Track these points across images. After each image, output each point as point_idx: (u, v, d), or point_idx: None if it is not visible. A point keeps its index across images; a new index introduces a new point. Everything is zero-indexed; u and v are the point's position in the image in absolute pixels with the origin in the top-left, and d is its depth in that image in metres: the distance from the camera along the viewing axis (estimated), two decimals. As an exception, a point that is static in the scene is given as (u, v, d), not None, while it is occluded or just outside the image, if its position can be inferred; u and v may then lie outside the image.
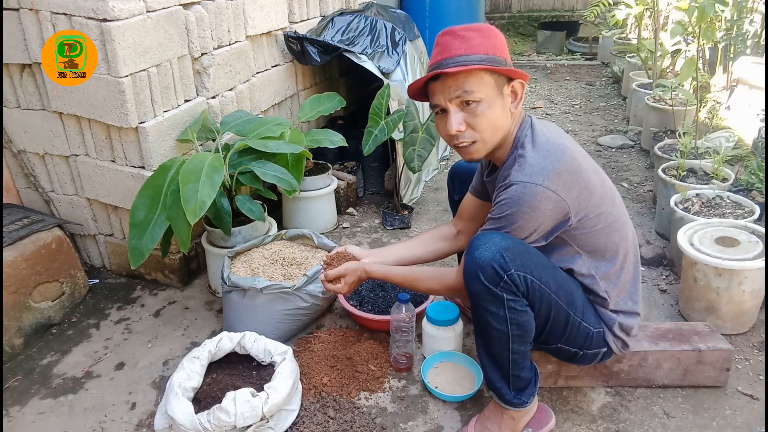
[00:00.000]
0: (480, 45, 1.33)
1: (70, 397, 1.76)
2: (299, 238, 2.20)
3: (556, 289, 1.38)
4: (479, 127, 1.36)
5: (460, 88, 1.33)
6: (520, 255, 1.32)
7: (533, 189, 1.30)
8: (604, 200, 1.41)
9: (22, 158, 2.27)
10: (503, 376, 1.42)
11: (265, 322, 1.87)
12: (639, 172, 3.24)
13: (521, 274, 1.30)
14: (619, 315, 1.49)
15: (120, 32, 1.84)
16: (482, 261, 1.30)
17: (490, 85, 1.34)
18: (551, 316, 1.39)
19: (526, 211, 1.32)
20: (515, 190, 1.32)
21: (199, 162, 1.82)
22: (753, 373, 1.75)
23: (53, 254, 2.07)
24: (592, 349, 1.49)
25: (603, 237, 1.42)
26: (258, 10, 2.53)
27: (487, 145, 1.40)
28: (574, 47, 6.57)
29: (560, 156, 1.34)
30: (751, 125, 2.86)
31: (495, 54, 1.33)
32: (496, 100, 1.36)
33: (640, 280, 1.54)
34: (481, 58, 1.32)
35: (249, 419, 1.44)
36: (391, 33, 2.94)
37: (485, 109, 1.35)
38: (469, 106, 1.35)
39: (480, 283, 1.31)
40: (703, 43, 3.09)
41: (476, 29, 1.35)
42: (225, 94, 2.40)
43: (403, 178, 2.73)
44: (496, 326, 1.35)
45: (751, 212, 2.09)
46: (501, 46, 1.36)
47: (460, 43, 1.33)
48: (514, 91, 1.39)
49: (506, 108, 1.38)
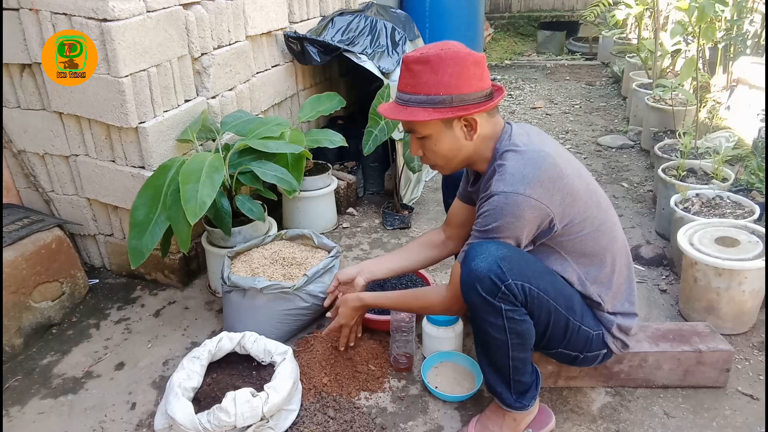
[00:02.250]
0: (425, 83, 1.33)
1: (70, 397, 1.76)
2: (299, 238, 2.20)
3: (555, 295, 1.37)
4: (432, 157, 1.45)
5: (408, 125, 1.41)
6: (517, 263, 1.31)
7: (515, 198, 1.30)
8: (589, 205, 1.40)
9: (22, 158, 2.27)
10: (504, 382, 1.42)
11: (265, 322, 1.87)
12: (639, 172, 3.24)
13: (519, 284, 1.30)
14: (617, 317, 1.49)
15: (120, 32, 1.84)
16: (479, 272, 1.29)
17: (434, 125, 1.37)
18: (551, 323, 1.38)
19: (510, 221, 1.31)
20: (497, 200, 1.31)
21: (199, 162, 1.82)
22: (753, 373, 1.75)
23: (53, 254, 2.07)
24: (592, 352, 1.49)
25: (590, 241, 1.41)
26: (258, 10, 2.53)
27: (450, 166, 1.47)
28: (574, 47, 6.57)
29: (541, 164, 1.33)
30: (751, 125, 2.86)
31: (438, 93, 1.32)
32: (443, 135, 1.39)
33: (634, 281, 1.54)
34: (420, 100, 1.34)
35: (249, 419, 1.44)
36: (391, 33, 2.94)
37: (432, 145, 1.41)
38: (421, 139, 1.42)
39: (478, 295, 1.31)
40: (703, 43, 3.09)
41: (425, 62, 1.32)
42: (225, 94, 2.40)
43: (403, 178, 2.73)
44: (495, 336, 1.35)
45: (751, 212, 2.09)
46: (450, 81, 1.31)
47: (409, 77, 1.36)
48: (467, 124, 1.38)
49: (458, 140, 1.40)
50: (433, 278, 2.10)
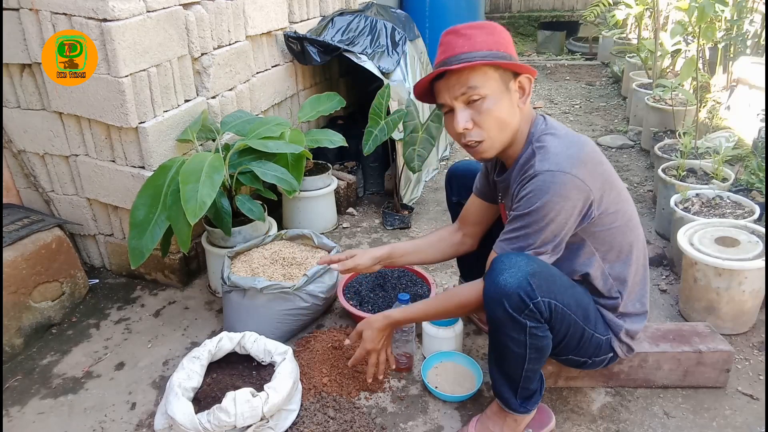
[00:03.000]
0: (483, 42, 1.30)
1: (70, 397, 1.76)
2: (299, 238, 2.20)
3: (576, 308, 1.35)
4: (486, 125, 1.33)
5: (465, 85, 1.30)
6: (546, 280, 1.27)
7: (562, 177, 1.26)
8: (621, 197, 1.39)
9: (22, 158, 2.27)
10: (512, 389, 1.41)
11: (265, 322, 1.87)
12: (639, 172, 3.24)
13: (546, 301, 1.27)
14: (626, 321, 1.48)
15: (120, 32, 1.84)
16: (508, 288, 1.24)
17: (495, 80, 1.31)
18: (568, 334, 1.37)
19: (557, 201, 1.26)
20: (542, 179, 1.27)
21: (199, 162, 1.82)
22: (753, 373, 1.75)
23: (53, 254, 2.07)
24: (600, 356, 1.49)
25: (619, 236, 1.39)
26: (258, 10, 2.53)
27: (495, 143, 1.36)
28: (574, 47, 6.57)
29: (583, 146, 1.32)
30: (751, 125, 2.86)
31: (499, 50, 1.31)
32: (502, 95, 1.32)
33: (648, 283, 1.53)
34: (484, 54, 1.29)
35: (249, 419, 1.44)
36: (391, 33, 2.94)
37: (491, 106, 1.31)
38: (474, 103, 1.31)
39: (503, 311, 1.27)
40: (703, 43, 3.09)
41: (479, 27, 1.33)
42: (225, 94, 2.40)
43: (403, 178, 2.73)
44: (514, 350, 1.32)
45: (751, 212, 2.09)
46: (505, 42, 1.33)
47: (463, 41, 1.31)
48: (521, 87, 1.36)
49: (513, 104, 1.34)
50: (432, 278, 2.10)
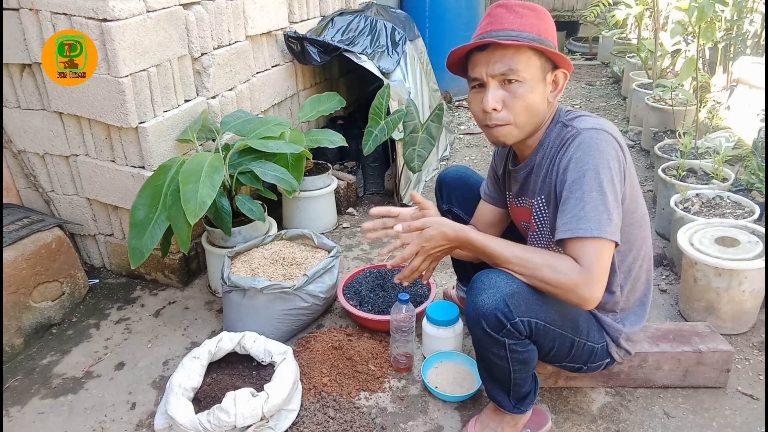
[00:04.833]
0: (533, 24, 1.27)
1: (70, 397, 1.76)
2: (299, 238, 2.20)
3: (561, 323, 1.34)
4: (515, 109, 1.29)
5: (507, 65, 1.26)
6: (524, 299, 1.26)
7: (604, 135, 1.24)
8: (637, 191, 1.37)
9: (22, 158, 2.27)
10: (504, 392, 1.42)
11: (265, 322, 1.87)
12: (639, 172, 3.24)
13: (525, 320, 1.26)
14: (625, 325, 1.47)
15: (120, 32, 1.84)
16: (485, 310, 1.24)
17: (535, 68, 1.28)
18: (555, 346, 1.37)
19: (607, 158, 1.22)
20: (586, 136, 1.25)
21: (199, 162, 1.82)
22: (753, 373, 1.74)
23: (53, 254, 2.07)
24: (595, 363, 1.49)
25: (636, 229, 1.38)
26: (258, 10, 2.53)
27: (518, 130, 1.33)
28: (574, 47, 6.57)
29: (612, 126, 1.30)
30: (751, 125, 2.86)
31: (546, 37, 1.29)
32: (538, 84, 1.29)
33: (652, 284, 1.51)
34: (532, 37, 1.26)
35: (249, 419, 1.44)
36: (391, 33, 2.94)
37: (526, 92, 1.28)
38: (510, 84, 1.28)
39: (482, 329, 1.27)
40: (703, 43, 3.09)
41: (531, 8, 1.29)
42: (225, 94, 2.40)
43: (403, 178, 2.73)
44: (497, 363, 1.33)
45: (751, 212, 2.09)
46: (552, 31, 1.31)
47: (514, 18, 1.26)
48: (555, 81, 1.34)
49: (545, 96, 1.32)
50: (432, 278, 2.10)
